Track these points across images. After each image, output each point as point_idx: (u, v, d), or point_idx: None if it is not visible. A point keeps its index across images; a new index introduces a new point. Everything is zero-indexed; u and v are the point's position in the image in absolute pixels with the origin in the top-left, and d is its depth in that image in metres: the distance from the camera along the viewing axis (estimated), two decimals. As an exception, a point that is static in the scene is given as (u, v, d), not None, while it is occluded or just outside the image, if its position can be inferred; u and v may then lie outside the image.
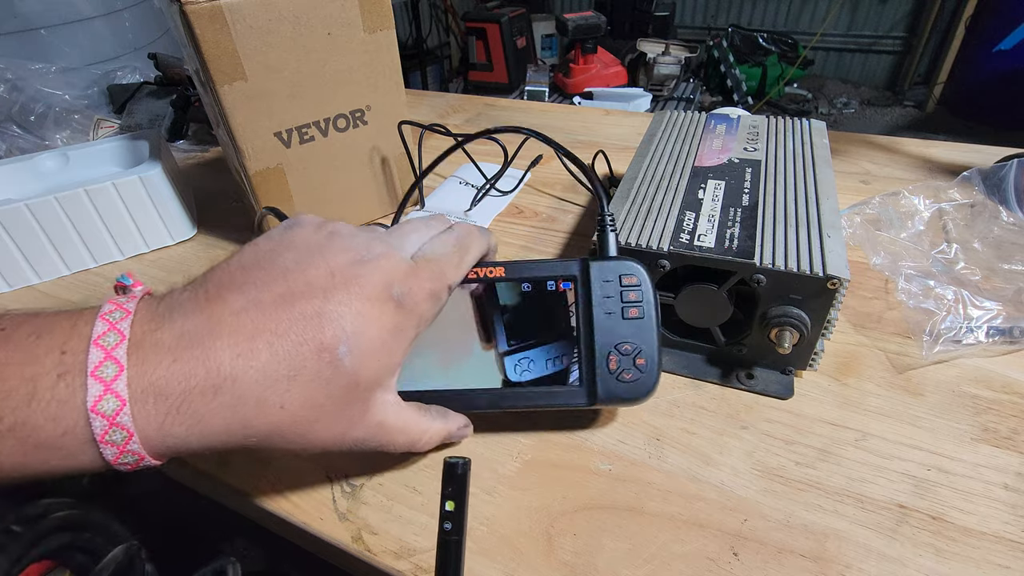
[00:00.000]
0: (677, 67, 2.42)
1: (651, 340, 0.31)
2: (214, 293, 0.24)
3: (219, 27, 0.39)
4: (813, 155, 0.43)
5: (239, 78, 0.42)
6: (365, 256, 0.26)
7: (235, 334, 0.23)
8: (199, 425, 0.22)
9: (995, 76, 2.49)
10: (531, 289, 0.32)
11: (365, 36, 0.46)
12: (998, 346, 0.37)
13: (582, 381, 0.31)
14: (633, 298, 0.31)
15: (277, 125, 0.46)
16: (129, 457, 0.22)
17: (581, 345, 0.31)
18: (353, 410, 0.25)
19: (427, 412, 0.30)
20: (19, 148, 0.70)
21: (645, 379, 0.31)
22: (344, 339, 0.24)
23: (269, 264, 0.25)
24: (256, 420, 0.23)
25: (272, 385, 0.23)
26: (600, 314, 0.31)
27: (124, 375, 0.21)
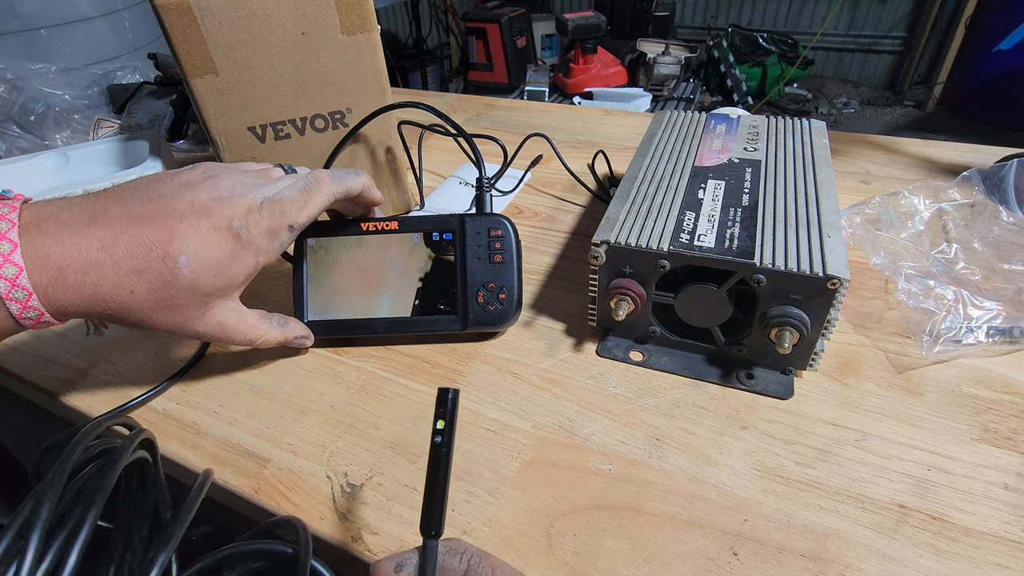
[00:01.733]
0: (677, 67, 2.42)
1: (512, 279, 0.40)
2: (102, 202, 0.31)
3: (188, 22, 0.41)
4: (813, 155, 0.43)
5: (209, 72, 0.43)
6: (224, 196, 0.32)
7: (105, 231, 0.29)
8: (74, 295, 0.29)
9: (995, 76, 2.49)
10: (422, 240, 0.40)
11: (343, 38, 0.46)
12: (998, 346, 0.37)
13: (457, 311, 0.40)
14: (499, 247, 0.40)
15: (251, 120, 0.47)
16: (31, 312, 0.28)
17: (457, 283, 0.40)
18: (193, 309, 0.33)
19: (268, 319, 0.37)
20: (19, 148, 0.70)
21: (506, 310, 0.40)
22: (185, 253, 0.31)
23: (151, 190, 0.32)
24: (111, 297, 0.30)
25: (125, 274, 0.30)
26: (472, 259, 0.40)
27: (18, 250, 0.28)
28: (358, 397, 0.38)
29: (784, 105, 2.96)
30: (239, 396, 0.38)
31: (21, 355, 0.43)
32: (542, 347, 0.41)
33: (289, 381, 0.39)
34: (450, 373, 0.39)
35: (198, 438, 0.36)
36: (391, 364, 0.40)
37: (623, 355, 0.39)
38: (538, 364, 0.39)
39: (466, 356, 0.40)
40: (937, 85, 2.81)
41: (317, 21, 0.44)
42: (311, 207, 0.34)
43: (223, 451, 0.35)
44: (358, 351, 0.41)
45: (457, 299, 0.40)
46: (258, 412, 0.37)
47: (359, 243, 0.41)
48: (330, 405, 0.37)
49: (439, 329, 0.40)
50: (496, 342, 0.41)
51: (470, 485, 0.32)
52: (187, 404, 0.38)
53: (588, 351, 0.40)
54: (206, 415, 0.37)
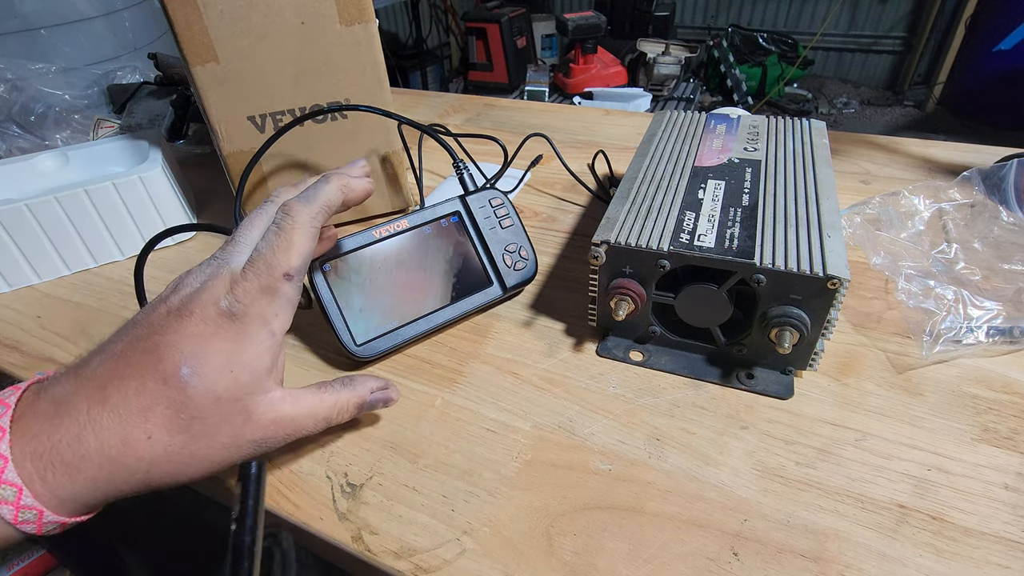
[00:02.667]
0: (677, 67, 2.42)
1: (524, 237, 0.44)
2: (85, 359, 0.27)
3: (190, 10, 0.42)
4: (813, 155, 0.43)
5: (211, 60, 0.44)
6: (197, 287, 0.28)
7: (90, 387, 0.25)
8: (78, 475, 0.24)
9: (995, 76, 2.49)
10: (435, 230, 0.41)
11: (341, 28, 0.46)
12: (998, 346, 0.37)
13: (493, 280, 0.42)
14: (503, 213, 0.44)
15: (250, 109, 0.47)
16: (28, 514, 0.23)
17: (482, 256, 0.42)
18: (233, 421, 0.27)
19: (328, 387, 0.31)
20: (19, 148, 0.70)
21: (530, 264, 0.44)
22: (183, 362, 0.26)
23: (127, 324, 0.28)
24: (127, 457, 0.25)
25: (129, 422, 0.25)
26: (487, 230, 0.43)
27: (6, 438, 0.23)
28: (358, 397, 0.38)
29: (784, 105, 2.96)
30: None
31: (20, 354, 0.43)
32: (542, 347, 0.41)
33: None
34: (450, 373, 0.39)
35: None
36: (391, 364, 0.40)
37: (623, 355, 0.39)
38: (538, 364, 0.39)
39: (466, 356, 0.40)
40: (937, 85, 2.81)
41: (316, 11, 0.45)
42: (297, 245, 0.29)
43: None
44: (358, 351, 0.41)
45: (488, 270, 0.42)
46: (258, 412, 0.37)
47: (375, 252, 0.39)
48: (330, 405, 0.37)
49: (485, 303, 0.42)
50: (496, 342, 0.41)
51: (470, 485, 0.32)
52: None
53: (588, 351, 0.40)
54: (206, 415, 0.37)
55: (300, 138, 0.50)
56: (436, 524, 0.30)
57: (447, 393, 0.38)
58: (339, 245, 0.38)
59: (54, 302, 0.49)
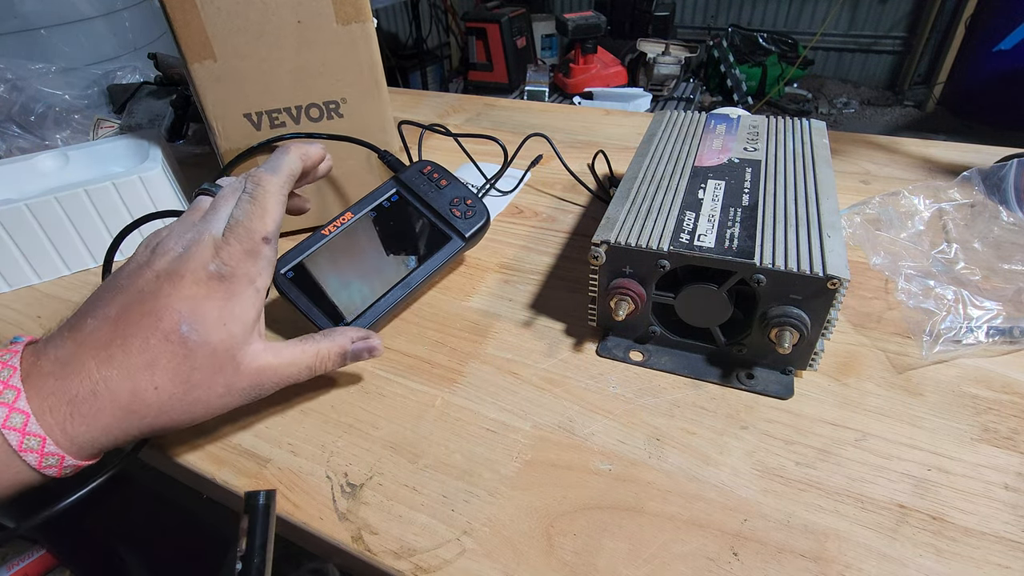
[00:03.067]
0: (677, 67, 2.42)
1: (464, 190, 0.46)
2: (75, 323, 0.29)
3: (188, 7, 0.42)
4: (813, 155, 0.43)
5: (208, 57, 0.44)
6: (180, 252, 0.30)
7: (94, 347, 0.28)
8: (94, 423, 0.27)
9: (995, 76, 2.49)
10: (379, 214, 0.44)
11: (338, 27, 0.46)
12: (998, 346, 0.37)
13: (451, 235, 0.44)
14: (437, 176, 0.46)
15: (247, 107, 0.47)
16: (51, 459, 0.27)
17: (433, 218, 0.45)
18: (225, 370, 0.30)
19: (308, 339, 0.34)
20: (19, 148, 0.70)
21: (480, 209, 0.46)
22: (182, 320, 0.29)
23: (110, 288, 0.30)
24: (138, 407, 0.28)
25: (136, 376, 0.28)
26: (428, 194, 0.45)
27: (23, 395, 0.26)
28: (358, 397, 0.38)
29: (784, 105, 2.96)
30: (239, 396, 0.38)
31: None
32: (542, 347, 0.41)
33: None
34: (450, 373, 0.39)
35: (198, 438, 0.36)
36: (391, 364, 0.40)
37: (623, 355, 0.39)
38: (538, 364, 0.39)
39: (466, 356, 0.40)
40: (937, 85, 2.81)
41: (312, 9, 0.45)
42: (270, 211, 0.32)
43: (223, 451, 0.35)
44: (358, 351, 0.41)
45: (443, 228, 0.44)
46: (258, 412, 0.37)
47: (331, 248, 0.42)
48: (330, 405, 0.37)
49: (451, 255, 0.44)
50: (496, 342, 0.41)
51: (470, 485, 0.32)
52: (187, 404, 0.38)
53: (588, 351, 0.40)
54: (206, 415, 0.37)
55: (299, 137, 0.50)
56: (436, 524, 0.30)
57: (447, 393, 0.38)
58: (296, 251, 0.41)
59: (54, 302, 0.49)
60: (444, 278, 0.48)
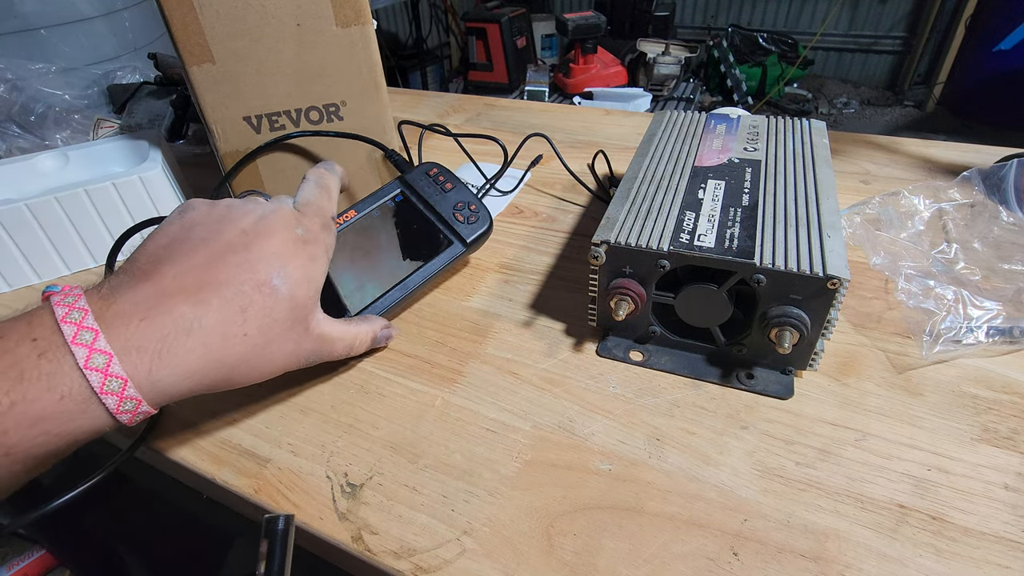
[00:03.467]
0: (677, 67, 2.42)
1: (469, 194, 0.46)
2: (148, 269, 0.28)
3: (186, 10, 0.42)
4: (813, 155, 0.43)
5: (207, 60, 0.44)
6: (263, 214, 0.32)
7: (184, 292, 0.28)
8: (181, 366, 0.27)
9: (995, 76, 2.49)
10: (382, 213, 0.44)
11: (337, 30, 0.46)
12: (998, 346, 0.37)
13: (453, 239, 0.44)
14: (443, 179, 0.46)
15: (246, 110, 0.47)
16: (129, 404, 0.26)
17: (436, 221, 0.45)
18: (298, 328, 0.32)
19: (352, 320, 0.37)
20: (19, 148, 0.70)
21: (483, 214, 0.45)
22: (275, 273, 0.30)
23: (184, 240, 0.30)
24: (225, 352, 0.28)
25: (230, 321, 0.28)
26: (433, 197, 0.45)
27: (102, 336, 0.25)
28: (358, 397, 0.38)
29: (784, 105, 2.96)
30: (239, 396, 0.38)
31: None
32: (542, 347, 0.41)
33: (289, 381, 0.39)
34: (450, 373, 0.39)
35: (198, 438, 0.36)
36: (391, 364, 0.40)
37: (623, 355, 0.39)
38: (538, 364, 0.39)
39: (466, 356, 0.40)
40: (937, 85, 2.81)
41: (312, 12, 0.45)
42: (334, 197, 0.37)
43: (223, 451, 0.35)
44: (358, 351, 0.42)
45: (445, 231, 0.44)
46: (258, 412, 0.37)
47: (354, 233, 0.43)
48: (330, 405, 0.37)
49: (449, 260, 0.44)
50: (496, 342, 0.41)
51: (470, 485, 0.32)
52: (187, 404, 0.38)
53: (588, 351, 0.40)
54: (206, 415, 0.37)
55: (298, 139, 0.50)
56: (436, 524, 0.30)
57: (447, 393, 0.38)
58: None
59: (54, 302, 0.49)
60: (445, 280, 0.48)
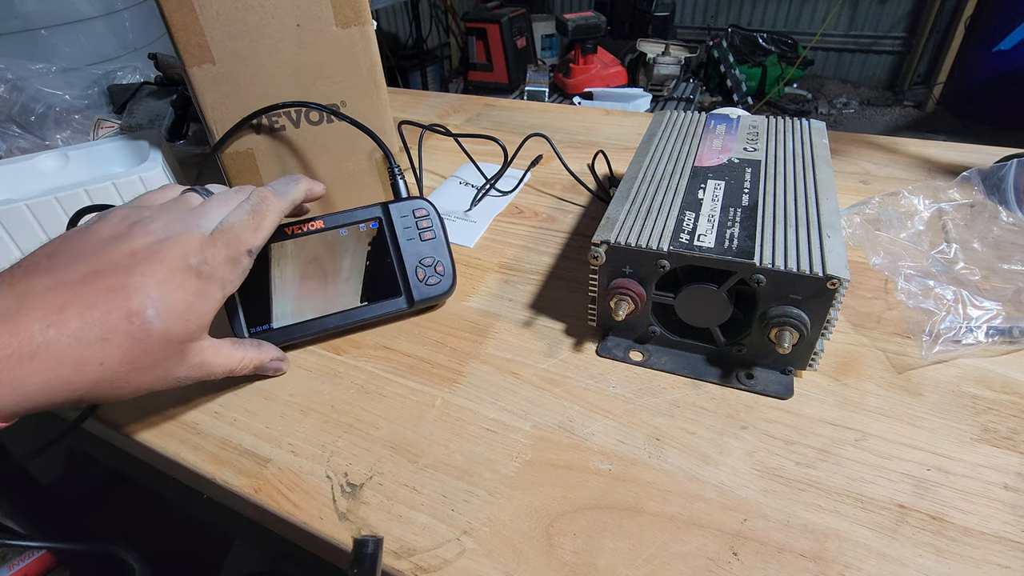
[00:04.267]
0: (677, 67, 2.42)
1: (444, 253, 0.43)
2: (20, 277, 0.27)
3: (186, 11, 0.42)
4: (813, 155, 0.43)
5: (207, 61, 0.43)
6: (164, 237, 0.30)
7: (43, 308, 0.26)
8: (19, 389, 0.25)
9: (995, 76, 2.49)
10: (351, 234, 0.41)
11: (337, 31, 0.46)
12: (998, 346, 0.37)
13: (401, 292, 0.42)
14: (425, 225, 0.43)
15: (246, 110, 0.47)
16: None
17: (395, 265, 0.42)
18: (170, 360, 0.30)
19: (241, 344, 0.36)
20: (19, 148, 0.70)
21: (445, 281, 0.43)
22: (151, 304, 0.28)
23: (74, 250, 0.29)
24: (76, 378, 0.27)
25: (87, 347, 0.27)
26: (404, 240, 0.42)
27: None
28: (358, 397, 0.38)
29: (784, 105, 2.96)
30: (239, 396, 0.38)
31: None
32: (542, 347, 0.41)
33: (289, 381, 0.39)
34: (450, 373, 0.39)
35: (198, 438, 0.36)
36: (391, 364, 0.40)
37: (623, 355, 0.39)
38: (538, 364, 0.39)
39: (466, 356, 0.40)
40: (937, 85, 2.81)
41: (311, 13, 0.45)
42: (264, 228, 0.33)
43: (223, 451, 0.35)
44: (358, 351, 0.41)
45: (399, 280, 0.42)
46: (258, 412, 0.37)
47: (285, 248, 0.40)
48: (330, 405, 0.37)
49: (388, 312, 0.42)
50: (496, 342, 0.41)
51: (470, 485, 0.32)
52: (187, 404, 0.38)
53: (588, 351, 0.40)
54: (206, 415, 0.37)
55: (298, 139, 0.50)
56: (436, 524, 0.30)
57: (447, 393, 0.38)
58: None
59: (54, 302, 0.49)
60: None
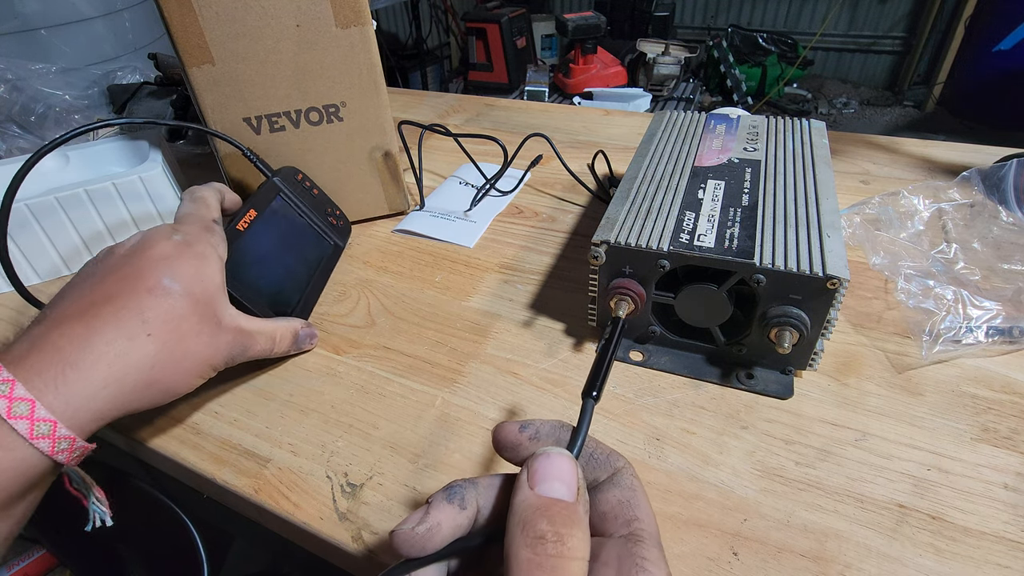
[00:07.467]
0: (677, 67, 2.42)
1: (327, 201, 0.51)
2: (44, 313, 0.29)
3: (186, 11, 0.42)
4: (813, 155, 0.43)
5: (207, 61, 0.44)
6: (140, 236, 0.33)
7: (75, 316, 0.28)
8: (89, 373, 0.26)
9: (995, 76, 2.49)
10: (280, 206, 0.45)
11: (337, 31, 0.46)
12: (998, 346, 0.37)
13: (333, 240, 0.50)
14: (308, 184, 0.50)
15: (246, 111, 0.47)
16: (43, 427, 0.25)
17: (313, 221, 0.48)
18: (208, 323, 0.32)
19: (270, 320, 0.38)
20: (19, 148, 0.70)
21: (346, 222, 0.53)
22: (162, 276, 0.31)
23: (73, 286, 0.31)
24: (135, 354, 0.28)
25: (130, 326, 0.28)
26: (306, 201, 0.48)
27: (19, 384, 0.25)
28: (358, 397, 0.38)
29: (784, 105, 2.96)
30: (239, 396, 0.38)
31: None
32: (542, 347, 0.41)
33: (289, 381, 0.39)
34: (450, 373, 0.39)
35: (198, 438, 0.36)
36: (391, 364, 0.40)
37: (623, 355, 0.39)
38: (538, 364, 0.39)
39: (466, 356, 0.40)
40: (937, 85, 2.81)
41: (311, 13, 0.45)
42: (211, 205, 0.38)
43: (223, 451, 0.35)
44: (358, 351, 0.42)
45: (326, 232, 0.49)
46: (258, 412, 0.37)
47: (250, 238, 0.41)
48: (330, 405, 0.37)
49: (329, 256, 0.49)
50: (496, 342, 0.41)
51: (470, 485, 0.32)
52: (187, 404, 0.38)
53: (588, 351, 0.40)
54: (206, 415, 0.37)
55: (298, 140, 0.50)
56: (436, 524, 0.30)
57: (447, 393, 0.38)
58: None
59: (54, 302, 0.49)
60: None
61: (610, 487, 0.21)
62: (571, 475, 0.20)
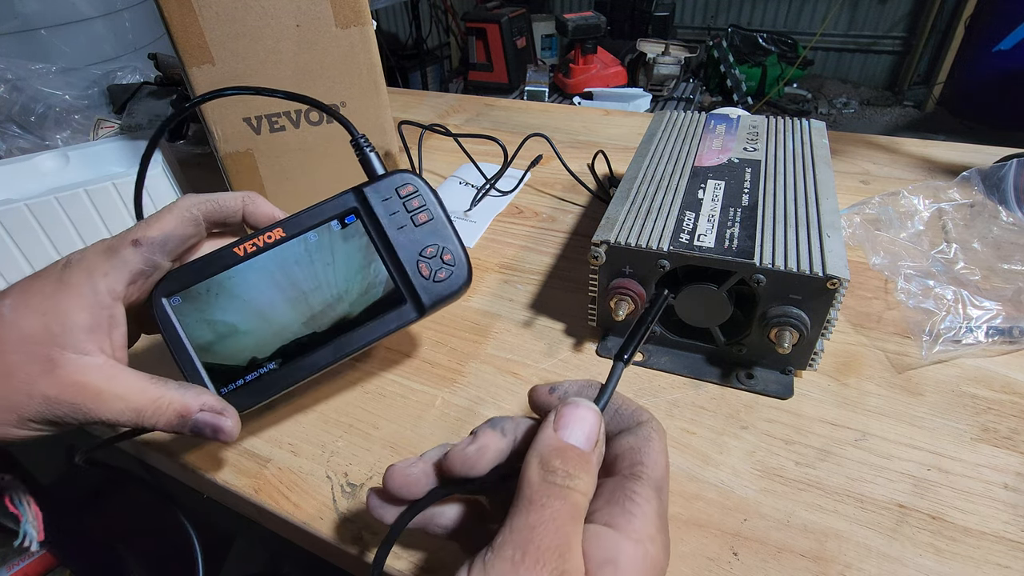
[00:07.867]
0: (677, 67, 2.42)
1: (449, 235, 0.33)
2: None
3: (186, 11, 0.42)
4: (813, 155, 0.43)
5: (207, 61, 0.44)
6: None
7: None
8: None
9: (995, 76, 2.49)
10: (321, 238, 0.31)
11: (337, 31, 0.46)
12: (998, 346, 0.37)
13: (405, 298, 0.32)
14: (417, 204, 0.32)
15: (246, 111, 0.47)
16: None
17: (389, 266, 0.32)
18: (33, 366, 0.26)
19: (160, 381, 0.28)
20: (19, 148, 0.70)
21: (458, 271, 0.33)
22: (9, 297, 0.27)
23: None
24: None
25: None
26: (393, 231, 0.32)
27: None
28: (358, 397, 0.38)
29: (784, 105, 2.96)
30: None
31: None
32: (542, 347, 0.41)
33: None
34: (450, 373, 0.39)
35: (198, 438, 0.36)
36: (391, 364, 0.40)
37: (623, 355, 0.39)
38: (538, 364, 0.39)
39: (466, 356, 0.40)
40: (937, 85, 2.81)
41: (311, 13, 0.45)
42: (162, 220, 0.29)
43: (223, 451, 0.35)
44: (358, 351, 0.42)
45: (398, 283, 0.32)
46: (258, 412, 0.37)
47: (241, 275, 0.31)
48: (330, 405, 0.37)
49: (392, 327, 0.32)
50: (496, 342, 0.41)
51: (470, 485, 0.32)
52: (187, 404, 0.38)
53: (588, 351, 0.40)
54: (206, 415, 0.37)
55: (298, 140, 0.50)
56: (436, 524, 0.30)
57: (447, 393, 0.38)
58: (191, 271, 0.31)
59: (54, 302, 0.49)
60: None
61: (627, 435, 0.23)
62: (592, 425, 0.22)
